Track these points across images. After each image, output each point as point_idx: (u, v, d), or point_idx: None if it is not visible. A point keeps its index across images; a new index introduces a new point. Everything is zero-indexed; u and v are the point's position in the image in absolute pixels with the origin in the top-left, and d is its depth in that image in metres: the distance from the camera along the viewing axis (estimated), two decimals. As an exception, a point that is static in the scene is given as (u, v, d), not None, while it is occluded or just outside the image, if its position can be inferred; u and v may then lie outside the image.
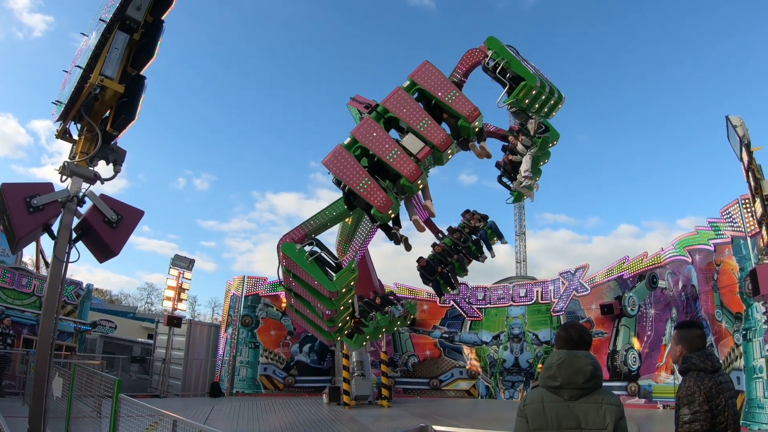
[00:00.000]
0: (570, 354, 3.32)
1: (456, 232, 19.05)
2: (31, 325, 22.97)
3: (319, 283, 13.33)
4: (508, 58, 13.25)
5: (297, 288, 14.33)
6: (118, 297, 75.99)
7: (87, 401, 11.12)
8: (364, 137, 12.35)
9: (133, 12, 8.76)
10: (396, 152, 12.11)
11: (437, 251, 18.80)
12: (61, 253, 8.74)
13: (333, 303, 13.75)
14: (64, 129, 9.90)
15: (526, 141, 17.29)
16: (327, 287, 13.26)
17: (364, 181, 11.98)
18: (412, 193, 13.19)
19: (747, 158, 13.35)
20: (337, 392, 21.19)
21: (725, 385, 3.68)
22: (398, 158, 12.06)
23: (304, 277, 13.71)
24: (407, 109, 12.51)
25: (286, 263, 13.88)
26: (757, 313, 15.32)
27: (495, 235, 19.35)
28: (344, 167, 12.12)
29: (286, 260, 13.79)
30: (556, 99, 14.93)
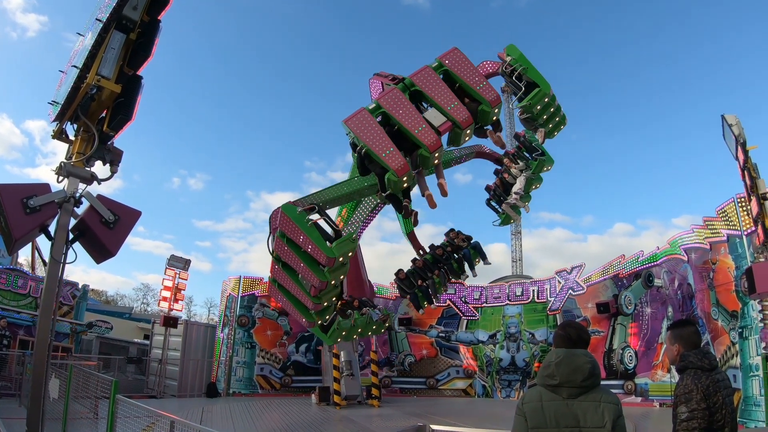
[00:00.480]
0: (568, 353, 3.33)
1: (438, 249, 19.27)
2: (27, 327, 22.95)
3: (315, 247, 12.76)
4: (526, 65, 13.95)
5: (287, 256, 13.75)
6: (114, 297, 75.95)
7: (84, 402, 11.13)
8: (389, 104, 12.52)
9: (130, 11, 8.73)
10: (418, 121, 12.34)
11: (418, 266, 18.95)
12: (58, 254, 8.71)
13: (325, 274, 13.12)
14: (60, 129, 9.87)
15: (521, 165, 17.66)
16: (325, 252, 12.66)
17: (384, 143, 12.08)
18: (426, 167, 13.14)
19: (743, 157, 13.38)
20: (326, 392, 20.99)
21: (722, 383, 3.69)
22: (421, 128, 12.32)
23: (301, 241, 13.16)
24: (433, 86, 12.83)
25: (282, 225, 13.41)
26: (753, 311, 15.37)
27: (478, 255, 19.61)
28: (365, 128, 12.19)
29: (283, 222, 13.32)
30: (561, 118, 15.44)
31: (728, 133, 14.16)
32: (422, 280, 18.75)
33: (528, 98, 14.54)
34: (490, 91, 13.17)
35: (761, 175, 13.45)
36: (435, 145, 12.22)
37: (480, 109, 13.03)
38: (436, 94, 12.74)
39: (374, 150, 12.01)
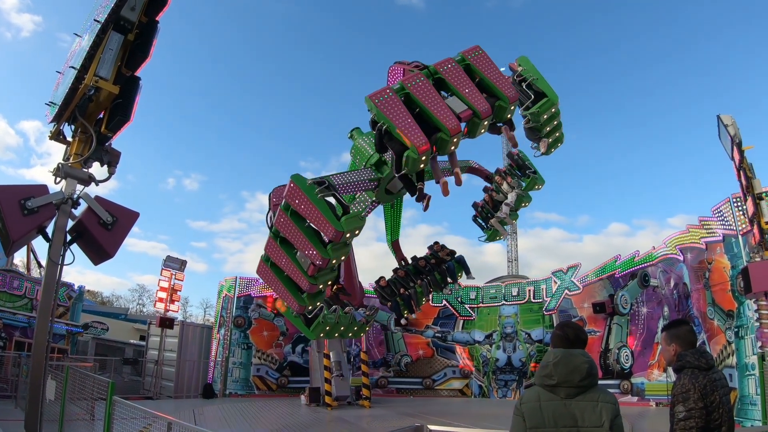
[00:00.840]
0: (566, 353, 3.33)
1: (421, 260, 19.38)
2: (22, 328, 22.87)
3: (324, 220, 12.71)
4: (536, 76, 14.46)
5: (289, 230, 13.58)
6: (110, 298, 75.71)
7: (80, 404, 11.11)
8: (414, 87, 12.66)
9: (128, 12, 8.71)
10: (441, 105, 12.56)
11: (399, 275, 19.00)
12: (56, 255, 8.69)
13: (328, 251, 13.08)
14: (57, 130, 9.84)
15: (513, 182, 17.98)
16: (334, 225, 12.60)
17: (407, 121, 12.19)
18: (443, 151, 13.25)
19: (738, 157, 13.46)
20: (316, 393, 20.81)
21: (719, 382, 3.70)
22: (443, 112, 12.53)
23: (307, 212, 13.06)
24: (456, 76, 13.20)
25: (289, 196, 13.22)
26: (748, 310, 15.42)
27: (462, 268, 19.75)
28: (389, 105, 12.29)
29: (291, 193, 13.16)
30: (560, 135, 15.87)
31: (724, 133, 14.23)
32: (404, 289, 18.82)
33: (536, 106, 15.04)
34: (510, 88, 13.63)
35: (757, 175, 13.55)
36: (456, 129, 12.45)
37: (497, 105, 13.41)
38: (459, 83, 13.08)
39: (397, 126, 12.13)
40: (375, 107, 12.34)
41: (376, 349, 27.41)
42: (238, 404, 20.76)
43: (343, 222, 12.73)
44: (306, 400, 20.79)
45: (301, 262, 13.73)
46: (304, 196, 12.99)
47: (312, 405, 20.43)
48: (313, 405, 20.43)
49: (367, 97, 12.53)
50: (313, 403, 20.49)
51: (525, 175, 18.95)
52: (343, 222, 12.73)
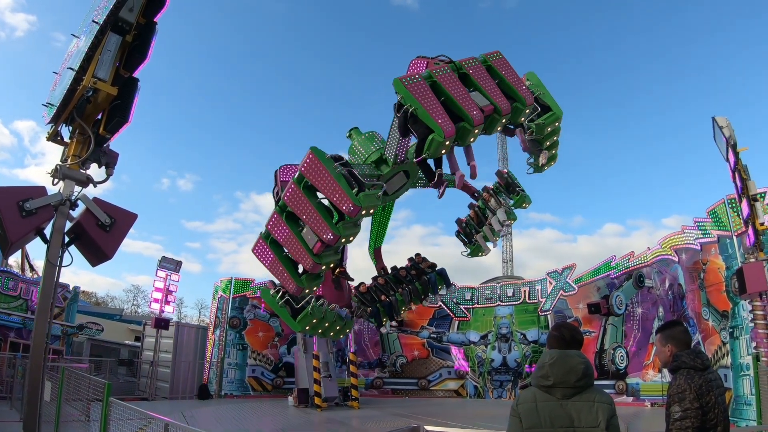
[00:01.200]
0: (562, 353, 3.35)
1: (402, 270, 19.47)
2: (17, 329, 22.81)
3: (343, 193, 12.70)
4: (543, 91, 14.85)
5: (299, 204, 13.51)
6: (104, 299, 75.55)
7: (75, 405, 11.09)
8: (441, 77, 12.91)
9: (126, 14, 8.69)
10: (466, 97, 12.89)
11: (380, 283, 19.04)
12: (54, 257, 8.69)
13: (339, 228, 13.07)
14: (55, 131, 9.82)
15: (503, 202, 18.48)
16: (352, 199, 12.61)
17: (436, 106, 12.41)
18: (463, 143, 13.52)
19: (733, 159, 13.51)
20: (305, 394, 20.62)
21: (715, 383, 3.72)
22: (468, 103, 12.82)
23: (324, 185, 13.03)
24: (480, 73, 13.65)
25: (306, 169, 13.23)
26: (743, 311, 15.48)
27: (443, 281, 19.87)
28: (419, 90, 12.47)
29: (309, 165, 13.17)
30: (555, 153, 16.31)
31: (719, 135, 14.29)
32: (386, 296, 18.87)
33: (542, 118, 15.54)
34: (527, 92, 14.25)
35: (751, 177, 13.60)
36: (479, 120, 12.83)
37: (514, 106, 13.85)
38: (482, 80, 13.51)
39: (426, 110, 12.31)
40: (405, 89, 12.50)
41: (371, 349, 27.43)
42: (232, 406, 20.68)
43: (360, 197, 12.77)
44: (294, 402, 20.67)
45: (306, 240, 13.63)
46: (324, 169, 13.01)
47: (300, 406, 20.31)
48: (302, 406, 20.31)
49: (397, 79, 12.71)
50: (302, 405, 20.37)
51: (515, 193, 19.47)
52: (360, 197, 12.77)
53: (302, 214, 13.54)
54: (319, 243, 13.43)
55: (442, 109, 12.48)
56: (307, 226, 13.54)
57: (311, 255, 13.77)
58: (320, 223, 13.21)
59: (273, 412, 19.26)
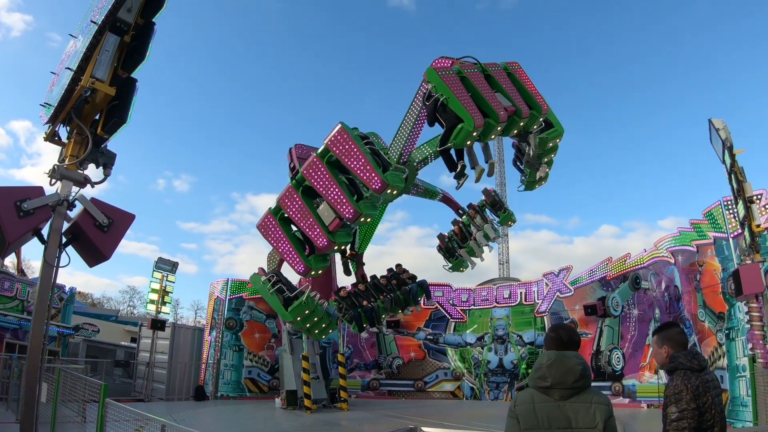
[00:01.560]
0: (559, 354, 3.35)
1: (383, 279, 19.53)
2: (13, 330, 22.74)
3: (372, 169, 12.82)
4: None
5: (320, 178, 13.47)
6: (100, 300, 75.34)
7: (71, 406, 11.09)
8: (470, 74, 13.37)
9: (124, 14, 8.66)
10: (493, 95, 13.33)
11: (361, 289, 19.07)
12: (52, 257, 8.65)
13: (361, 206, 13.11)
14: (53, 132, 9.78)
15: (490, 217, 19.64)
16: (380, 176, 12.75)
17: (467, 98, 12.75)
18: (484, 138, 13.85)
19: (730, 161, 13.55)
20: (293, 396, 20.49)
21: (712, 383, 3.73)
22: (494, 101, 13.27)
23: (352, 160, 13.10)
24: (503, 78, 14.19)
25: (334, 143, 13.30)
26: (739, 312, 15.54)
27: (424, 292, 19.95)
28: (452, 82, 12.81)
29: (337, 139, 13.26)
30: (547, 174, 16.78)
31: (715, 137, 14.33)
32: (367, 301, 18.89)
33: (545, 133, 15.89)
34: (543, 102, 14.70)
35: (747, 179, 13.64)
36: (503, 118, 13.30)
37: (531, 113, 14.37)
38: (505, 84, 14.02)
39: (459, 100, 12.60)
40: (438, 78, 12.83)
41: (367, 351, 27.45)
42: (226, 408, 20.63)
43: (388, 175, 12.94)
44: (283, 404, 20.47)
45: (323, 216, 13.60)
46: (353, 144, 13.12)
47: (289, 408, 20.14)
48: (290, 408, 20.13)
49: (431, 69, 13.08)
50: (290, 407, 20.19)
51: (502, 210, 20.03)
52: (388, 175, 12.94)
53: (322, 188, 13.48)
54: (336, 220, 13.38)
55: (473, 102, 12.82)
56: (325, 202, 13.49)
57: (326, 232, 13.68)
58: (341, 199, 13.19)
59: (266, 414, 19.16)
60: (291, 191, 14.18)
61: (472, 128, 12.50)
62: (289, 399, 20.38)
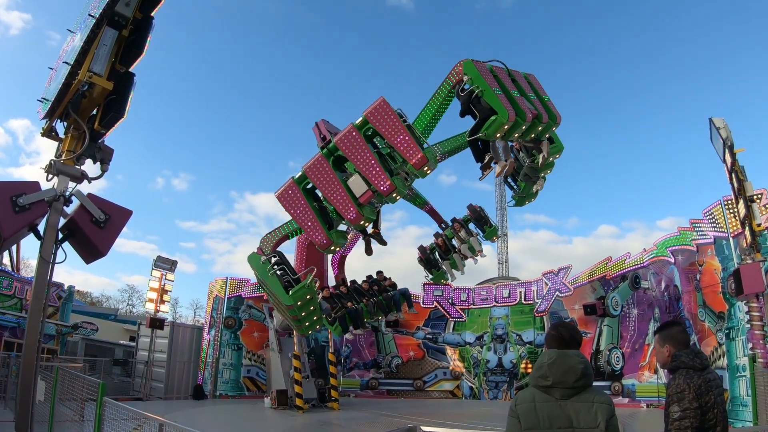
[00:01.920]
0: (561, 353, 3.33)
1: (364, 283, 19.58)
2: (12, 328, 22.69)
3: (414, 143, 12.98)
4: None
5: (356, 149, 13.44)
6: (99, 299, 75.32)
7: (69, 405, 11.03)
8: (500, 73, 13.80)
9: (122, 8, 8.62)
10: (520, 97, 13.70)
11: (343, 291, 19.06)
12: (48, 253, 8.61)
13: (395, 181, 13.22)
14: (50, 127, 9.74)
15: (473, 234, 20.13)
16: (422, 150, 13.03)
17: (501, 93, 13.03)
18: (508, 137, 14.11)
19: (730, 160, 13.51)
20: (284, 396, 20.18)
21: (714, 383, 3.70)
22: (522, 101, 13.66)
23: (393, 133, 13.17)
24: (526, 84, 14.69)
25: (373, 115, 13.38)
26: (739, 312, 15.52)
27: (405, 300, 19.97)
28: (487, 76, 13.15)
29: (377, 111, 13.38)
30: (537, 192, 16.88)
31: (716, 136, 14.29)
32: (352, 303, 18.86)
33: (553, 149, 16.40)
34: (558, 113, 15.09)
35: (748, 178, 13.60)
36: (529, 118, 13.60)
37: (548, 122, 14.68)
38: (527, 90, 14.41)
39: (494, 93, 12.93)
40: (476, 71, 13.13)
41: (366, 350, 27.41)
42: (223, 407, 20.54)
43: (427, 150, 13.10)
44: (273, 403, 20.16)
45: (353, 188, 13.36)
46: (395, 117, 13.13)
47: (280, 408, 19.88)
48: (281, 408, 19.88)
49: (469, 61, 13.36)
50: (281, 406, 19.93)
51: (488, 225, 20.34)
52: (427, 150, 13.10)
53: (357, 159, 13.29)
54: (369, 192, 13.16)
55: (505, 97, 13.09)
56: (357, 174, 13.28)
57: (356, 205, 13.41)
58: (377, 172, 13.02)
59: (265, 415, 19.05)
60: (321, 160, 13.79)
61: (506, 120, 12.74)
62: (279, 399, 20.12)
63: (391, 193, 13.17)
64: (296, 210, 14.17)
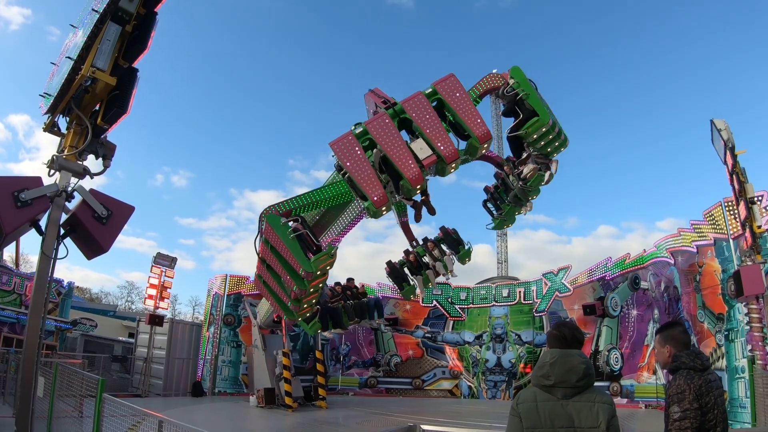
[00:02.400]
0: (563, 353, 3.32)
1: (338, 286, 19.59)
2: (11, 324, 22.70)
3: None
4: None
5: (423, 114, 13.32)
6: (98, 295, 75.32)
7: (68, 401, 11.03)
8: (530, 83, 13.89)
9: (126, 4, 8.59)
10: None
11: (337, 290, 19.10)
12: (49, 249, 8.60)
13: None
14: (52, 122, 9.72)
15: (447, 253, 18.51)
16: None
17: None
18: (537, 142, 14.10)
19: (731, 161, 13.52)
20: (272, 394, 19.75)
21: (714, 383, 3.69)
22: None
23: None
24: None
25: (443, 86, 13.34)
26: (739, 314, 15.52)
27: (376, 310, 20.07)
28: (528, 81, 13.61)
29: (446, 84, 13.35)
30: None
31: (717, 137, 14.31)
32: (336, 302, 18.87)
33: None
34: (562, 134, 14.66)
35: (749, 180, 13.63)
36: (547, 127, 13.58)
37: None
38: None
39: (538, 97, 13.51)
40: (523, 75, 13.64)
41: (365, 348, 27.44)
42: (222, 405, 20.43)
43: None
44: (260, 402, 19.74)
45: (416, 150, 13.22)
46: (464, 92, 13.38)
47: (267, 407, 19.51)
48: (269, 407, 19.51)
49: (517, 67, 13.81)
50: (269, 405, 19.54)
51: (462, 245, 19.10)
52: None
53: (424, 122, 13.16)
54: (433, 157, 12.93)
55: None
56: (421, 138, 13.13)
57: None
58: (443, 137, 12.96)
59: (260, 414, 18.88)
60: (386, 118, 13.39)
61: (546, 122, 13.18)
62: (267, 397, 19.69)
63: (454, 159, 13.07)
64: (354, 161, 13.38)
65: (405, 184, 13.38)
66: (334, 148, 13.70)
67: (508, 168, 18.98)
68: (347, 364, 27.21)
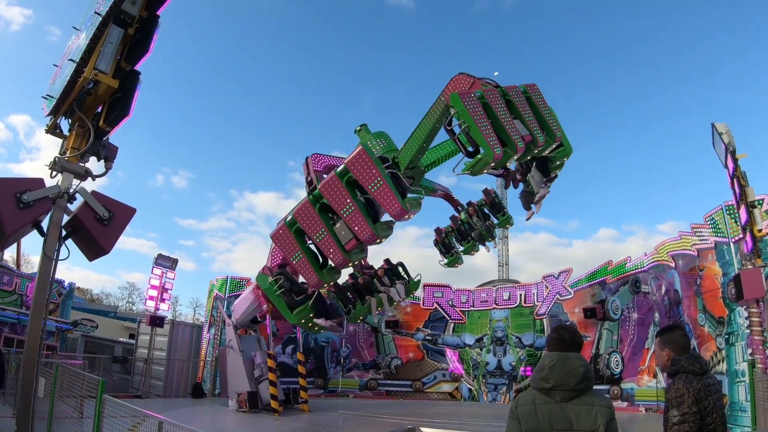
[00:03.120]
0: (562, 356, 3.33)
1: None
2: (12, 324, 22.71)
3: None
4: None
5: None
6: (99, 296, 75.30)
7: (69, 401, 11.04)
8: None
9: (129, 6, 8.63)
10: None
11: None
12: (51, 250, 8.62)
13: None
14: (54, 124, 9.76)
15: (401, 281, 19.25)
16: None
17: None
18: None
19: (732, 165, 13.52)
20: (254, 398, 18.62)
21: (713, 387, 3.71)
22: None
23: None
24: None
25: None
26: (739, 317, 15.53)
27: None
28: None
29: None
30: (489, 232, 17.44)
31: (718, 141, 14.31)
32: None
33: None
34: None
35: (750, 183, 13.63)
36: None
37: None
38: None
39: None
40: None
41: (366, 350, 27.43)
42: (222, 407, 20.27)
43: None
44: (243, 406, 18.58)
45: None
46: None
47: (250, 411, 18.37)
48: (252, 411, 18.38)
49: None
50: (252, 409, 18.44)
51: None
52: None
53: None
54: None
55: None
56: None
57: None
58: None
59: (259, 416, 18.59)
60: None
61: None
62: (250, 401, 18.58)
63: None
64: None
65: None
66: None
67: (472, 209, 19.06)
68: (347, 366, 27.19)
